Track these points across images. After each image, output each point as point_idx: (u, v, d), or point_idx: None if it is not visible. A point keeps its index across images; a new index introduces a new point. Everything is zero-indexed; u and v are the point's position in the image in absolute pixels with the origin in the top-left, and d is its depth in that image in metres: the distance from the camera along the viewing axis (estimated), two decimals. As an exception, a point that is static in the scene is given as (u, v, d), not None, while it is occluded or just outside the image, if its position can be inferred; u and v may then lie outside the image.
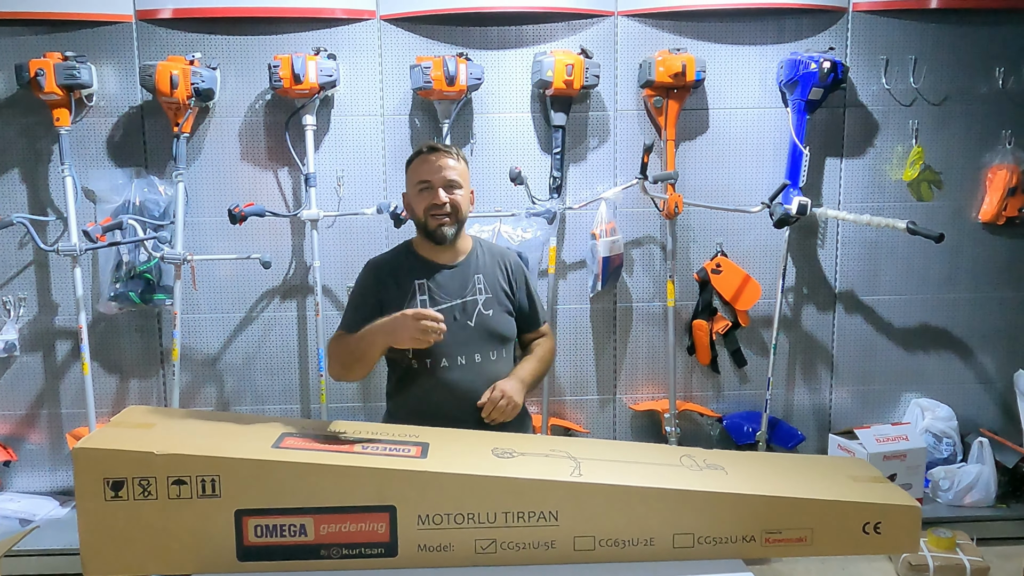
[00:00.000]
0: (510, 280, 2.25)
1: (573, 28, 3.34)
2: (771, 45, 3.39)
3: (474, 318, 2.15)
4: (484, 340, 2.16)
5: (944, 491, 3.34)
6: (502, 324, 2.20)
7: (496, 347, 2.18)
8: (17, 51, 3.17)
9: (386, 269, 2.21)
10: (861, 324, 3.59)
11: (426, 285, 2.15)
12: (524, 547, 1.59)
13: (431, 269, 2.17)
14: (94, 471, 1.51)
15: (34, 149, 3.28)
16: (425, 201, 2.12)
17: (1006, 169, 3.44)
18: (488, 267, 2.22)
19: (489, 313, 2.17)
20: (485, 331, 2.16)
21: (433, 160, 2.13)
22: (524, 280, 2.30)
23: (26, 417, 3.43)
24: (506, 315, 2.22)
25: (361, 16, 3.28)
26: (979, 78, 3.45)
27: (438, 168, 2.12)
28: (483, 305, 2.17)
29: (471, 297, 2.16)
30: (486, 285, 2.19)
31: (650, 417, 3.58)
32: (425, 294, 2.14)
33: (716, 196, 3.40)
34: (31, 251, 3.33)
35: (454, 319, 2.12)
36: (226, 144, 3.33)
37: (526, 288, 2.29)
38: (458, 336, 2.11)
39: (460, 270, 2.19)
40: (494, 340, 2.18)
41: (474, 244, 2.26)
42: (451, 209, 2.12)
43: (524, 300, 2.28)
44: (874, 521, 1.65)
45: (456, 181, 2.13)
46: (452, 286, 2.16)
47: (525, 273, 2.32)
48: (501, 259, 2.27)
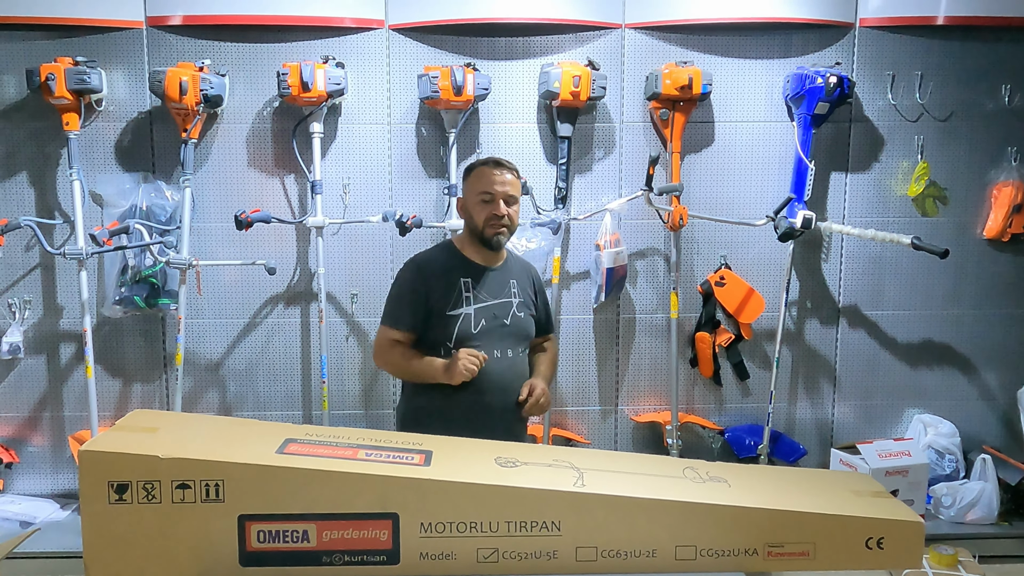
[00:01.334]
0: (535, 288, 2.51)
1: (580, 40, 3.35)
2: (778, 59, 3.40)
3: (509, 318, 2.36)
4: (515, 338, 2.38)
5: (946, 508, 3.33)
6: (529, 326, 2.46)
7: (522, 345, 2.42)
8: (29, 55, 3.19)
9: (431, 267, 2.38)
10: (864, 339, 3.59)
11: (471, 283, 2.35)
12: (526, 557, 1.58)
13: (476, 269, 2.38)
14: (99, 474, 1.51)
15: (43, 153, 3.30)
16: (486, 211, 2.32)
17: (1011, 186, 3.44)
18: (521, 274, 2.46)
19: (521, 315, 2.40)
20: (517, 330, 2.39)
21: (496, 175, 2.33)
22: (543, 290, 2.57)
23: (29, 419, 3.44)
24: (531, 318, 2.45)
25: (370, 25, 3.30)
26: (985, 95, 3.46)
27: (501, 182, 2.32)
28: (516, 308, 2.39)
29: (507, 299, 2.38)
30: (519, 290, 2.41)
31: (652, 429, 3.57)
32: (470, 291, 2.34)
33: (721, 209, 3.41)
34: (38, 254, 3.34)
35: (493, 316, 2.35)
36: (233, 150, 3.35)
37: (543, 296, 2.55)
38: (495, 332, 2.34)
39: (500, 273, 2.40)
40: (522, 339, 2.42)
41: (508, 253, 2.49)
42: (508, 222, 2.32)
43: (542, 307, 2.53)
44: (877, 536, 1.64)
45: (514, 196, 2.35)
46: (492, 287, 2.37)
47: (542, 283, 2.59)
48: (528, 269, 2.53)
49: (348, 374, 3.48)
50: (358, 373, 3.48)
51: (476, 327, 2.31)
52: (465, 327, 2.30)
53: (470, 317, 2.30)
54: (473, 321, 2.31)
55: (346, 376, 3.47)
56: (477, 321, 2.31)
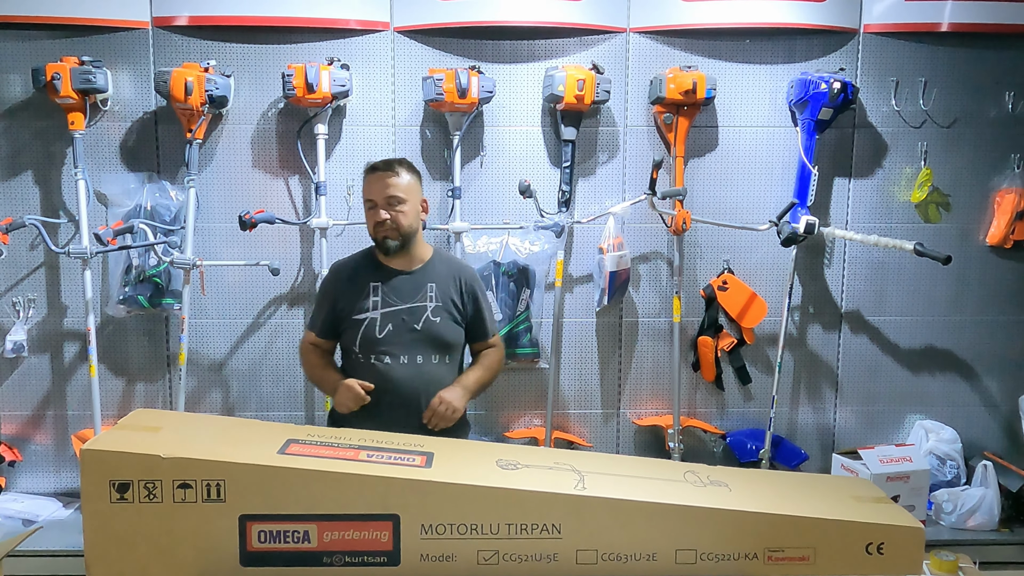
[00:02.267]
0: (462, 293, 2.42)
1: (585, 44, 3.36)
2: (782, 65, 3.40)
3: (421, 323, 2.31)
4: (428, 344, 2.32)
5: (947, 514, 3.32)
6: (447, 332, 2.35)
7: (439, 352, 2.34)
8: (34, 55, 3.20)
9: (345, 271, 2.41)
10: (867, 344, 3.59)
11: (380, 288, 2.32)
12: (526, 559, 1.59)
13: (387, 273, 2.35)
14: (101, 473, 1.52)
15: (48, 152, 3.31)
16: (372, 219, 2.32)
17: (1014, 193, 3.43)
18: (442, 278, 2.38)
19: (436, 320, 2.33)
20: (430, 336, 2.32)
21: (374, 180, 2.32)
22: (476, 294, 2.46)
23: (32, 418, 3.44)
24: (453, 324, 2.37)
25: (375, 27, 3.31)
26: (989, 101, 3.46)
27: (381, 187, 2.30)
28: (431, 312, 2.32)
29: (420, 303, 2.31)
30: (437, 294, 2.35)
31: (653, 433, 3.57)
32: (378, 295, 2.31)
33: (724, 213, 3.41)
34: (42, 253, 3.35)
35: (402, 320, 2.30)
36: (238, 151, 3.36)
37: (476, 302, 2.45)
38: (402, 337, 2.29)
39: (414, 277, 2.36)
40: (437, 345, 2.34)
41: (433, 255, 2.43)
42: (392, 225, 2.29)
43: (472, 312, 2.44)
44: (877, 542, 1.65)
45: (398, 197, 2.29)
46: (405, 290, 2.33)
47: (478, 288, 2.47)
48: (457, 272, 2.43)
49: (350, 375, 3.48)
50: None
51: (381, 331, 2.28)
52: (370, 331, 2.29)
53: (375, 321, 2.28)
54: (378, 325, 2.28)
55: (348, 377, 3.47)
56: (383, 325, 2.28)
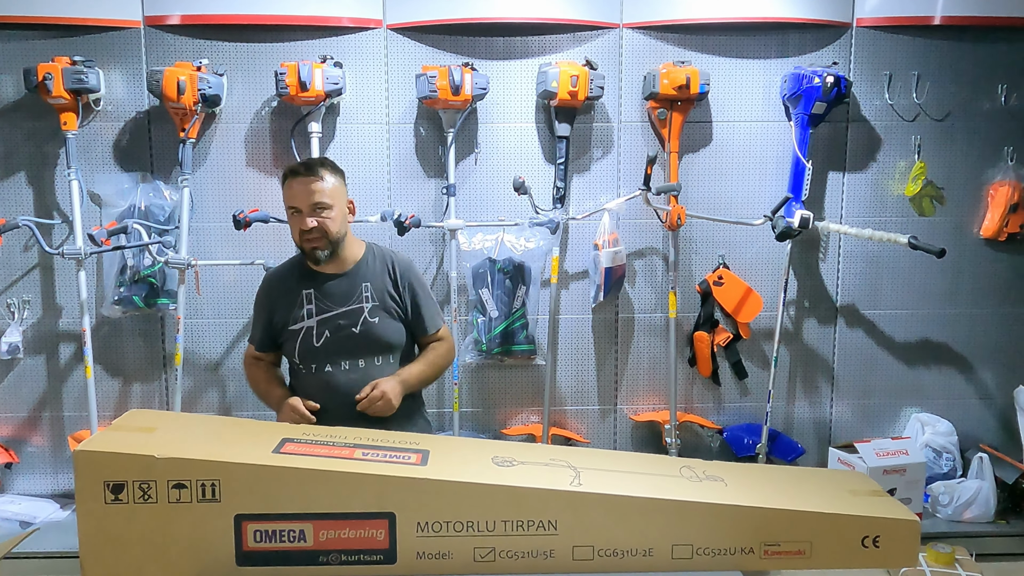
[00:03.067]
0: (397, 286, 2.27)
1: (578, 40, 3.36)
2: (775, 59, 3.40)
3: (359, 326, 2.20)
4: (369, 347, 2.22)
5: (943, 506, 3.33)
6: (388, 331, 2.24)
7: (382, 353, 2.24)
8: (26, 55, 3.19)
9: (277, 281, 2.29)
10: (862, 338, 3.60)
11: (313, 295, 2.22)
12: (523, 556, 1.59)
13: (318, 279, 2.23)
14: (95, 474, 1.51)
15: (41, 152, 3.30)
16: (296, 227, 2.18)
17: (1008, 185, 3.44)
18: (377, 274, 2.26)
19: (375, 321, 2.22)
20: (370, 338, 2.21)
21: (296, 185, 2.16)
22: (412, 286, 2.29)
23: (28, 419, 3.44)
24: (394, 322, 2.25)
25: (368, 25, 3.31)
26: (982, 95, 3.46)
27: (305, 193, 2.14)
28: (369, 313, 2.21)
29: (356, 305, 2.21)
30: (373, 293, 2.23)
31: (651, 428, 3.58)
32: (312, 303, 2.21)
33: (719, 208, 3.41)
34: (36, 254, 3.34)
35: (339, 326, 2.19)
36: (232, 150, 3.35)
37: (414, 294, 2.28)
38: (342, 344, 2.19)
39: (347, 279, 2.24)
40: (379, 347, 2.23)
41: (365, 252, 2.29)
42: (319, 233, 2.16)
43: (410, 304, 2.28)
44: (873, 535, 1.65)
45: (323, 203, 2.15)
46: (339, 294, 2.22)
47: (414, 279, 2.30)
48: (391, 266, 2.28)
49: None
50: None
51: (319, 340, 2.19)
52: (307, 341, 2.19)
53: (312, 330, 2.19)
54: (315, 334, 2.19)
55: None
56: (320, 334, 2.19)
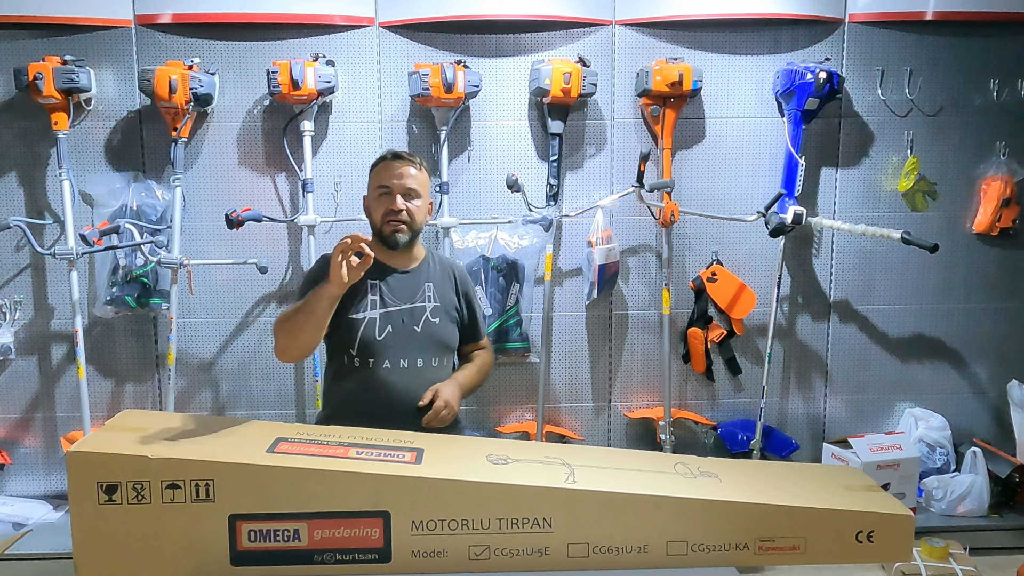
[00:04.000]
0: (457, 291, 2.32)
1: (571, 37, 3.35)
2: (767, 55, 3.41)
3: (421, 324, 2.21)
4: (428, 347, 2.22)
5: (937, 500, 3.34)
6: (447, 333, 2.26)
7: (437, 355, 2.24)
8: (16, 55, 3.17)
9: None
10: (855, 333, 3.60)
11: (378, 286, 2.21)
12: (518, 554, 1.59)
13: (384, 272, 2.23)
14: (88, 475, 1.51)
15: (32, 152, 3.28)
16: (383, 206, 2.19)
17: (1000, 180, 3.45)
18: (439, 277, 2.29)
19: (436, 321, 2.24)
20: (430, 338, 2.22)
21: (395, 167, 2.19)
22: (469, 295, 2.36)
23: (21, 421, 3.42)
24: (451, 325, 2.28)
25: (360, 23, 3.30)
26: (974, 90, 3.47)
27: (399, 175, 2.18)
28: (431, 313, 2.23)
29: (419, 304, 2.22)
30: (435, 294, 2.25)
31: (645, 425, 3.58)
32: (376, 294, 2.19)
33: (712, 205, 3.42)
34: (27, 254, 3.33)
35: (401, 322, 2.19)
36: (224, 149, 3.34)
37: (470, 303, 2.37)
38: (402, 340, 2.18)
39: (412, 276, 2.26)
40: (438, 348, 2.24)
41: (427, 254, 2.33)
42: (407, 217, 2.18)
43: (467, 312, 2.35)
44: (867, 530, 1.65)
45: (415, 190, 2.19)
46: (404, 290, 2.23)
47: (470, 289, 2.40)
48: (451, 272, 2.34)
49: (341, 372, 3.47)
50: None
51: (381, 333, 2.17)
52: (369, 333, 2.17)
53: (375, 322, 2.17)
54: (378, 327, 2.17)
55: (339, 374, 3.47)
56: (383, 327, 2.17)
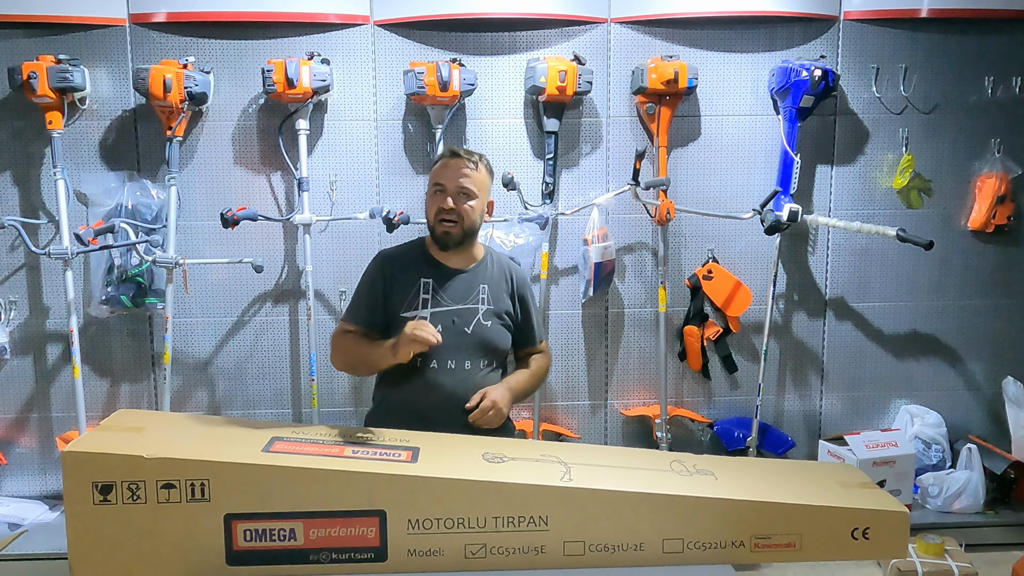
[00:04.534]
0: (513, 296, 2.27)
1: (566, 35, 3.35)
2: (763, 53, 3.41)
3: (472, 326, 2.17)
4: (477, 349, 2.18)
5: (933, 497, 3.35)
6: (498, 337, 2.22)
7: (487, 358, 2.21)
8: (10, 54, 3.16)
9: (395, 263, 2.24)
10: (851, 331, 3.61)
11: (431, 285, 2.18)
12: (514, 552, 1.59)
13: (439, 271, 2.21)
14: (83, 475, 1.50)
15: (26, 152, 3.27)
16: (436, 204, 2.16)
17: (995, 177, 3.46)
18: (495, 279, 2.24)
19: (487, 324, 2.20)
20: (480, 341, 2.18)
21: (452, 165, 2.16)
22: (526, 298, 2.32)
23: (16, 420, 3.41)
24: (503, 329, 2.24)
25: (355, 21, 3.29)
26: (969, 87, 3.47)
27: (456, 174, 2.15)
28: (483, 315, 2.19)
29: (472, 305, 2.19)
30: (490, 296, 2.22)
31: (641, 423, 3.59)
32: (428, 293, 2.17)
33: (708, 203, 3.42)
34: (22, 254, 3.32)
35: (452, 323, 2.15)
36: (219, 148, 3.33)
37: (526, 305, 2.32)
38: (453, 341, 2.14)
39: (468, 277, 2.22)
40: (487, 351, 2.20)
41: (486, 254, 2.29)
42: (458, 216, 2.14)
43: (522, 316, 2.30)
44: (863, 527, 1.66)
45: (470, 190, 2.16)
46: (457, 291, 2.19)
47: (527, 290, 2.34)
48: (508, 273, 2.29)
49: (337, 372, 3.45)
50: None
51: None
52: None
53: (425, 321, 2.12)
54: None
55: (335, 374, 3.46)
56: (433, 326, 2.10)
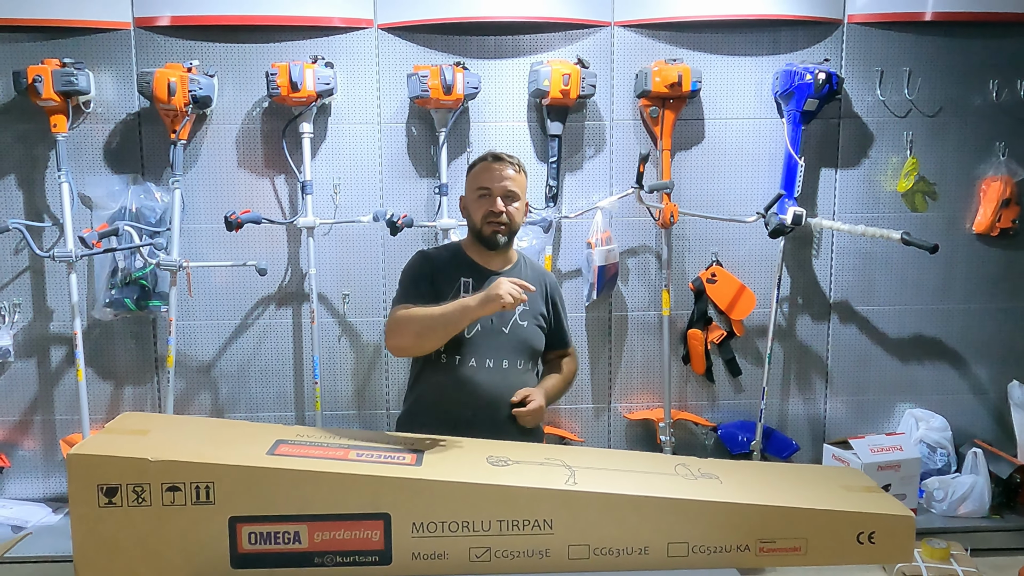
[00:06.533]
0: (547, 298, 2.35)
1: (570, 38, 3.35)
2: (767, 56, 3.41)
3: (509, 326, 2.23)
4: (514, 349, 2.24)
5: (938, 501, 3.34)
6: (533, 337, 2.29)
7: (524, 358, 2.27)
8: (15, 58, 3.17)
9: (437, 262, 2.30)
10: (856, 334, 3.60)
11: (471, 285, 2.23)
12: (518, 555, 1.59)
13: (478, 272, 2.26)
14: (88, 477, 1.50)
15: (31, 155, 3.28)
16: (483, 208, 2.22)
17: (1000, 181, 3.45)
18: (531, 281, 2.24)
19: (524, 324, 2.26)
20: (517, 340, 2.24)
21: (496, 169, 2.22)
22: (557, 302, 2.40)
23: (20, 423, 3.41)
24: (539, 330, 2.30)
25: (359, 25, 3.30)
26: (973, 90, 3.47)
27: (500, 177, 2.21)
28: (519, 316, 2.24)
29: None
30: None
31: (645, 426, 3.58)
32: (468, 292, 2.21)
33: (711, 206, 3.42)
34: (27, 257, 3.32)
35: (490, 323, 2.21)
36: (223, 151, 3.34)
37: (557, 309, 2.40)
38: (490, 340, 2.21)
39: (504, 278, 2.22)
40: (523, 351, 2.26)
41: (519, 257, 2.36)
42: (507, 219, 2.21)
43: (554, 320, 2.38)
44: (868, 531, 1.65)
45: (515, 192, 2.23)
46: None
47: (559, 296, 2.43)
48: (542, 278, 2.37)
49: (341, 374, 3.47)
50: (351, 373, 3.47)
51: (470, 331, 2.18)
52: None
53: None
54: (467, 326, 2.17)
55: (339, 377, 3.47)
56: (472, 325, 2.17)
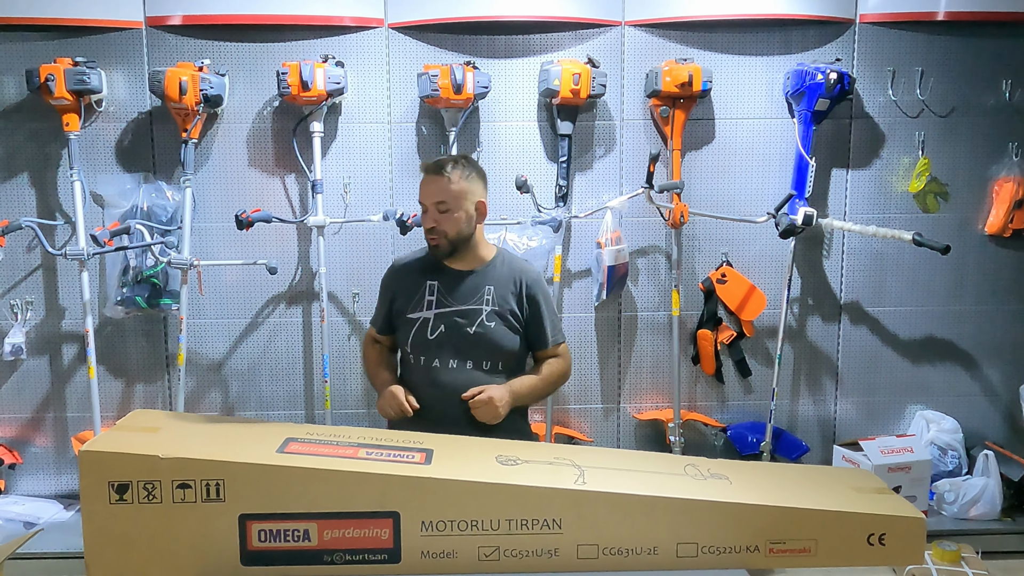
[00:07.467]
0: (521, 297, 2.27)
1: (580, 38, 3.35)
2: (778, 56, 3.39)
3: (475, 327, 2.21)
4: (479, 349, 2.22)
5: (949, 504, 3.32)
6: (501, 337, 2.23)
7: (491, 359, 2.23)
8: (28, 56, 3.19)
9: (403, 269, 2.35)
10: (866, 335, 3.58)
11: (436, 287, 2.24)
12: (527, 555, 1.59)
13: (445, 273, 2.26)
14: (99, 474, 1.51)
15: (43, 153, 3.30)
16: (424, 223, 2.24)
17: (1013, 181, 3.43)
18: (502, 281, 2.26)
19: (491, 325, 2.22)
20: (483, 341, 2.21)
21: (429, 182, 2.22)
22: (536, 299, 2.29)
23: (31, 420, 3.44)
24: (508, 330, 2.25)
25: (369, 24, 3.30)
26: (986, 90, 3.45)
27: (431, 192, 2.21)
28: (486, 316, 2.22)
29: (475, 306, 2.22)
30: (495, 297, 2.24)
31: (654, 427, 3.57)
32: (434, 295, 2.24)
33: (722, 206, 3.40)
34: (39, 255, 3.35)
35: (455, 323, 2.21)
36: (234, 150, 3.35)
37: (536, 307, 2.29)
38: (454, 341, 2.21)
39: (473, 278, 2.26)
40: (489, 352, 2.23)
41: (496, 255, 2.32)
42: (441, 230, 2.20)
43: (531, 317, 2.28)
44: (879, 532, 1.64)
45: (444, 203, 2.18)
46: (461, 292, 2.24)
47: (539, 293, 2.30)
48: (518, 275, 2.28)
49: (350, 373, 3.48)
50: (360, 372, 3.47)
51: (433, 333, 2.20)
52: (421, 332, 2.21)
53: (428, 322, 2.20)
54: (431, 326, 2.20)
55: (348, 375, 3.48)
56: (435, 327, 2.19)
